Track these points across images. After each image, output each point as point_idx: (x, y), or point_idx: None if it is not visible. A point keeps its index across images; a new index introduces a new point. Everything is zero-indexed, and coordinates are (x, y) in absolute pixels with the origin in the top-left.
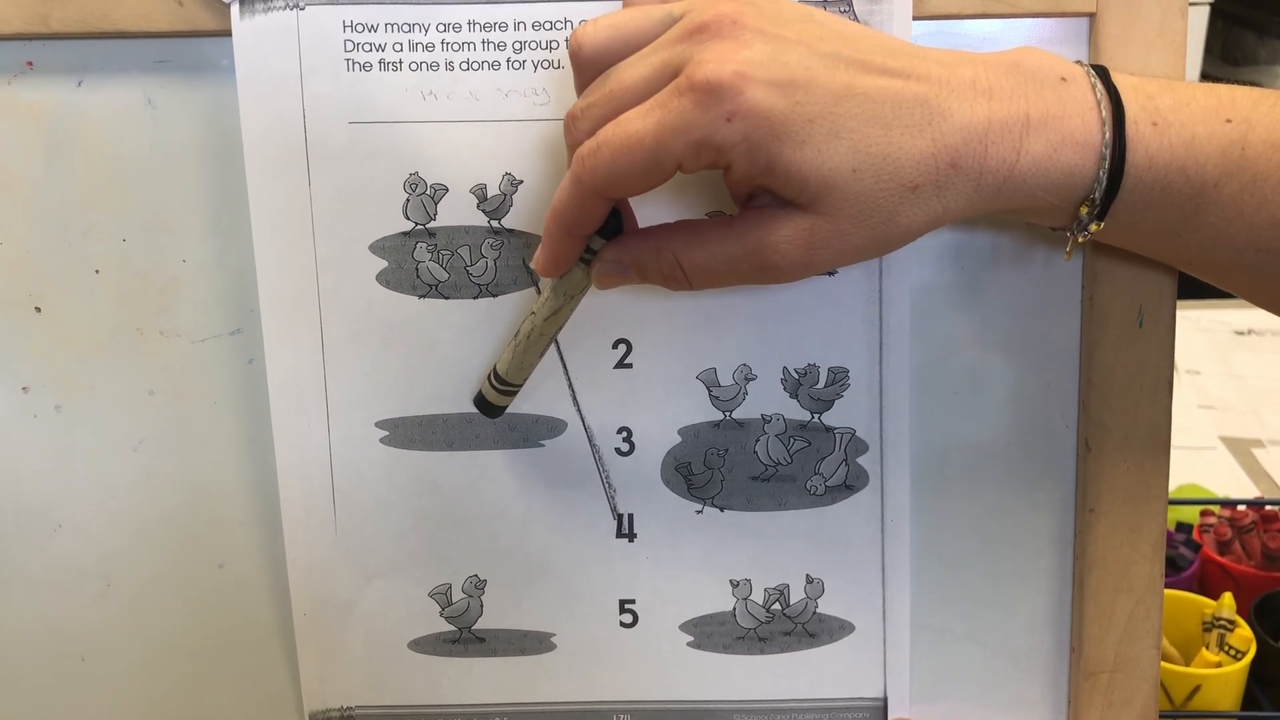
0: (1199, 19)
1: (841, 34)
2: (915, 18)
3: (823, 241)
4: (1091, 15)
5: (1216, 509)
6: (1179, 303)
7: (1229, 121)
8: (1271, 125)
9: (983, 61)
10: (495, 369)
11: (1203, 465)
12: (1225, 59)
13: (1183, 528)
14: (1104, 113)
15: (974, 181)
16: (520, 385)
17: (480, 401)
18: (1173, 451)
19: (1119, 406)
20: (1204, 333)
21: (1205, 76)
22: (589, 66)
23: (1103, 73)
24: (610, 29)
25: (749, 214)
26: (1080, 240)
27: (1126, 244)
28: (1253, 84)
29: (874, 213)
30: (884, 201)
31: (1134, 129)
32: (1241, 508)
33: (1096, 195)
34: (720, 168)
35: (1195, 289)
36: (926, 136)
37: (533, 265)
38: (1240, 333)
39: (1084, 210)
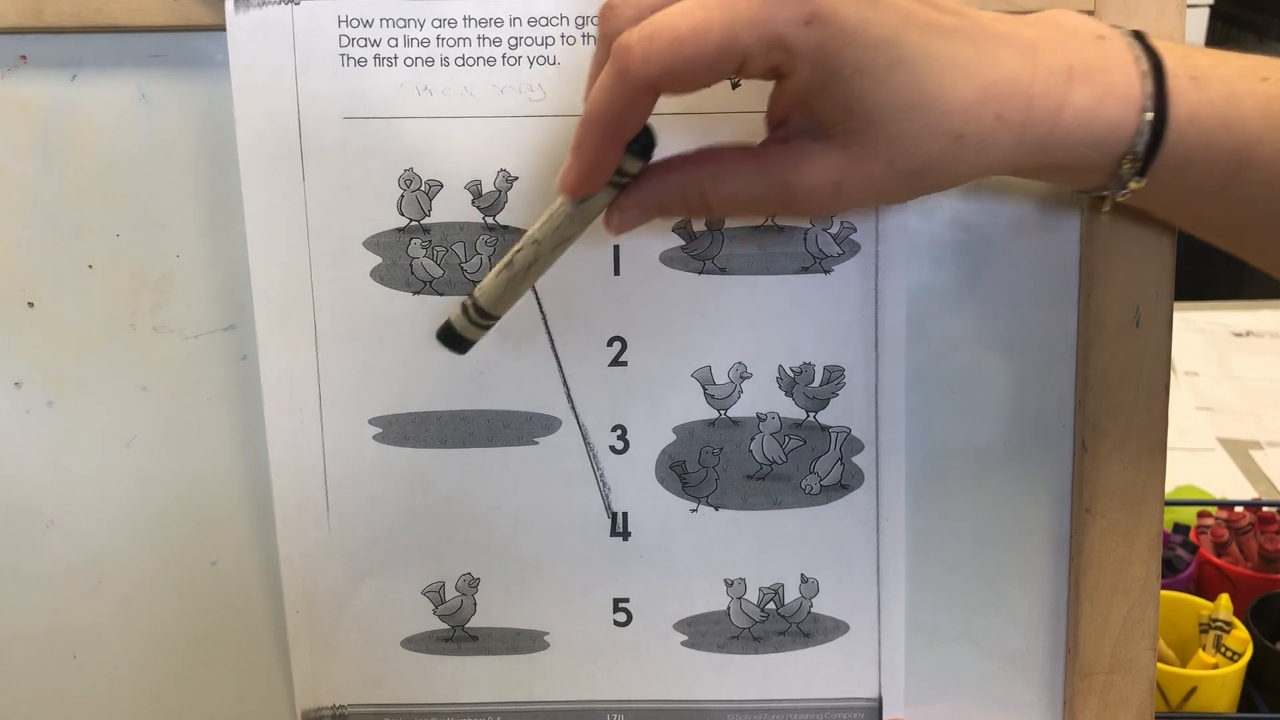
0: (1198, 21)
1: None
2: None
3: (851, 186)
4: (1089, 14)
5: (1214, 510)
6: (1177, 305)
7: (1266, 80)
8: None
9: (1022, 19)
10: (475, 299)
11: (1200, 467)
12: None
13: (1180, 529)
14: (1144, 66)
15: (1017, 135)
16: (499, 319)
17: (447, 334)
18: (1171, 453)
19: (1115, 406)
20: (1202, 334)
21: None
22: None
23: (1138, 34)
24: None
25: (776, 149)
26: (1119, 199)
27: (1163, 207)
28: None
29: (911, 159)
30: (925, 148)
31: (1175, 82)
32: (1239, 509)
33: (1139, 148)
34: (778, 76)
35: (1194, 290)
36: (975, 84)
37: (559, 184)
38: (1239, 334)
39: (1126, 165)
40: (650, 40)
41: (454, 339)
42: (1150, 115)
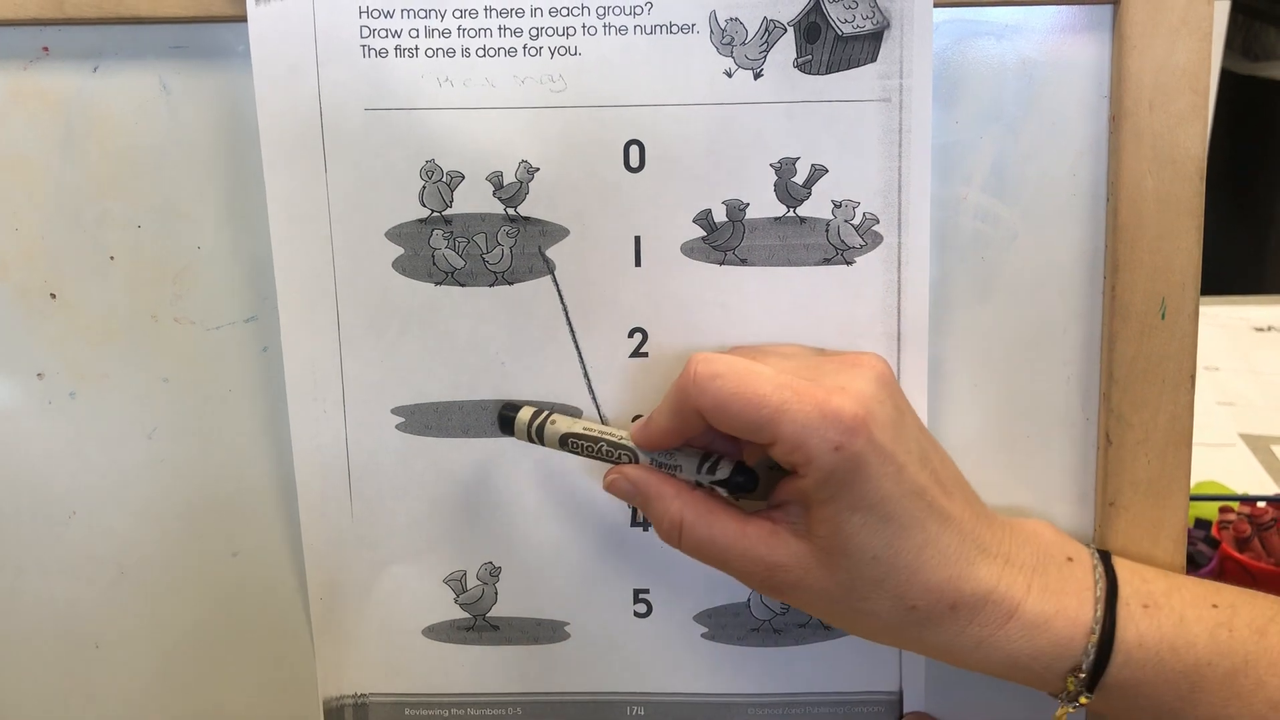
0: (1220, 14)
1: (933, 446)
2: (937, 4)
3: (806, 591)
4: (1115, 3)
5: (1236, 506)
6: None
7: (1215, 606)
8: (1255, 612)
9: (1008, 526)
10: (548, 423)
11: (1222, 462)
12: (1245, 54)
13: (1201, 524)
14: (1099, 592)
15: (962, 628)
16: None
17: (505, 421)
18: (1192, 447)
19: (1140, 399)
20: (1223, 329)
21: (1226, 72)
22: None
23: (1105, 557)
24: None
25: (764, 525)
26: (1070, 709)
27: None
28: (1272, 80)
29: (863, 601)
30: (878, 600)
31: (1125, 610)
32: (1261, 505)
33: (1085, 666)
34: (794, 470)
35: (1215, 284)
36: (945, 572)
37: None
38: (1260, 329)
39: (1072, 680)
40: (711, 379)
41: (507, 425)
42: (1095, 638)
